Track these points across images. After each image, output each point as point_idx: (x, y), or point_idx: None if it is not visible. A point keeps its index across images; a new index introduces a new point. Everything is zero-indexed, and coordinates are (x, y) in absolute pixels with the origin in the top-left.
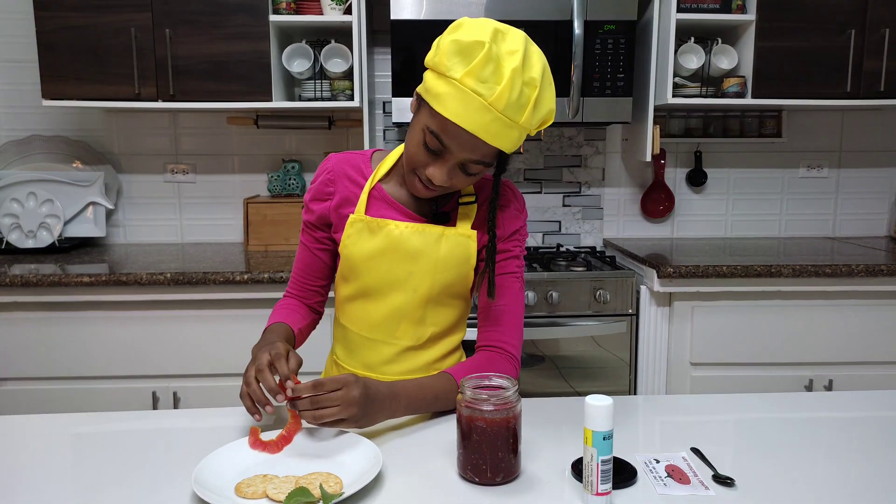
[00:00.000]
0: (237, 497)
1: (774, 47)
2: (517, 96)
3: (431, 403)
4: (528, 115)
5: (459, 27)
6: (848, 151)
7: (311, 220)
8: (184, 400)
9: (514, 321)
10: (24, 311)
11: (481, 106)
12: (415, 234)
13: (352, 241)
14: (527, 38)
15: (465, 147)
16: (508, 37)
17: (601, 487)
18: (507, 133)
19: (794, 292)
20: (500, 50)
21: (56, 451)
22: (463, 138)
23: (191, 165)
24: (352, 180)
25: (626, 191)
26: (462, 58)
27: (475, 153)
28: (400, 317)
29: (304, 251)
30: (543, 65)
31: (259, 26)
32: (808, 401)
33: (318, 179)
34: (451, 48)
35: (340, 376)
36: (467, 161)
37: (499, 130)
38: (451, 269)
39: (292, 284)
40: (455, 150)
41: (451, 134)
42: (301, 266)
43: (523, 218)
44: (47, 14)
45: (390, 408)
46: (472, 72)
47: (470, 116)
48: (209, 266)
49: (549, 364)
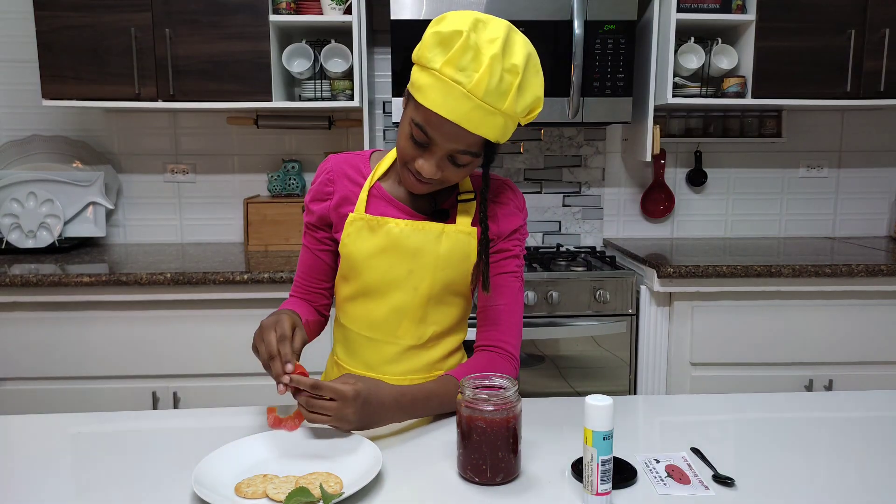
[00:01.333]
0: (237, 497)
1: (774, 47)
2: (497, 83)
3: (436, 408)
4: (511, 102)
5: (442, 20)
6: (848, 151)
7: (311, 221)
8: (184, 400)
9: (514, 321)
10: (24, 311)
11: (461, 94)
12: (414, 231)
13: (351, 240)
14: (510, 26)
15: (449, 137)
16: (490, 26)
17: (601, 487)
18: (489, 121)
19: (794, 292)
20: (480, 38)
21: (56, 451)
22: (446, 128)
23: (191, 165)
24: (351, 180)
25: (626, 191)
26: (442, 48)
27: (460, 143)
28: (401, 316)
29: (307, 253)
30: (528, 52)
31: (259, 26)
32: (808, 401)
33: (318, 180)
34: (432, 40)
35: (341, 388)
36: (454, 152)
37: (481, 118)
38: (452, 266)
39: (296, 288)
40: (440, 140)
41: (435, 125)
42: (304, 269)
43: (523, 217)
44: (47, 14)
45: (393, 417)
46: (451, 61)
47: (450, 105)
48: (209, 266)
49: (549, 364)
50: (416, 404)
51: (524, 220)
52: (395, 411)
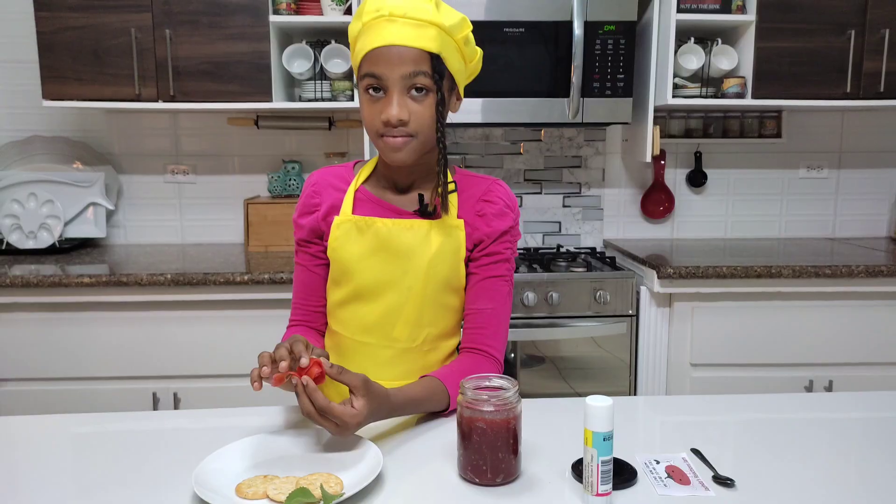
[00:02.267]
0: (237, 497)
1: (774, 48)
2: (413, 1)
3: (423, 410)
4: (434, 13)
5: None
6: (848, 152)
7: (303, 237)
8: (184, 400)
9: (499, 325)
10: (24, 312)
11: (386, 21)
12: (403, 230)
13: (340, 243)
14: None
15: (393, 63)
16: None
17: (601, 488)
18: (422, 33)
19: (794, 293)
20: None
21: (56, 451)
22: (388, 56)
23: (191, 166)
24: (336, 188)
25: (626, 191)
26: (361, 7)
27: (406, 65)
28: (395, 317)
29: (302, 272)
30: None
31: (259, 27)
32: (808, 401)
33: (304, 195)
34: (356, 13)
35: (345, 414)
36: (406, 78)
37: (411, 32)
38: (444, 262)
39: (295, 312)
40: (389, 72)
41: (379, 60)
42: (300, 288)
43: (513, 217)
44: (47, 14)
45: (381, 418)
46: (368, 7)
47: (383, 35)
48: (209, 267)
49: (549, 365)
50: (405, 409)
51: (515, 221)
52: (385, 415)
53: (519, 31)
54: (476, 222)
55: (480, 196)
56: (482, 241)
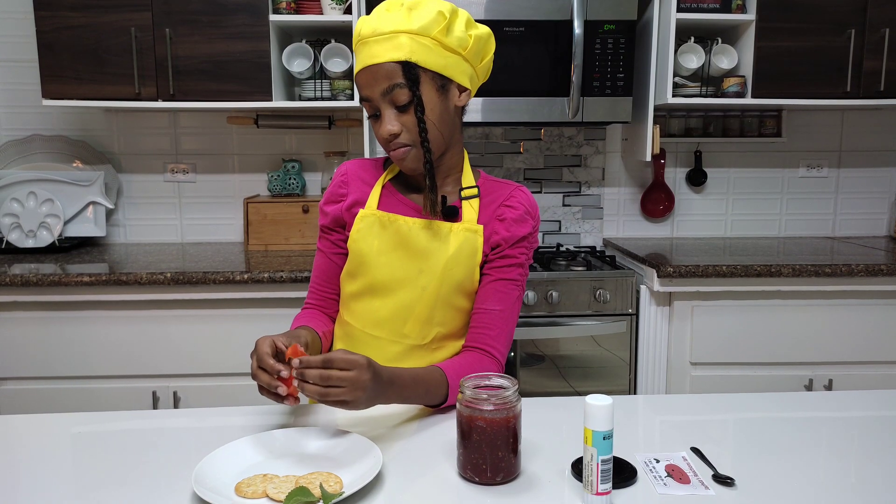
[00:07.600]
0: (237, 497)
1: (774, 47)
2: (384, 14)
3: (422, 397)
4: (403, 19)
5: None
6: (848, 151)
7: (326, 224)
8: (184, 400)
9: (505, 328)
10: (24, 311)
11: (363, 45)
12: (423, 230)
13: (361, 236)
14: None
15: (371, 83)
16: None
17: (601, 487)
18: (389, 45)
19: (794, 292)
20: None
21: (56, 450)
22: (367, 78)
23: (191, 165)
24: (364, 181)
25: (626, 190)
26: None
27: (380, 82)
28: (407, 314)
29: (322, 258)
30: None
31: (259, 26)
32: (808, 400)
33: (333, 183)
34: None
35: (350, 357)
36: (384, 95)
37: (380, 48)
38: (461, 265)
39: (311, 295)
40: (371, 92)
41: (362, 84)
42: (318, 273)
43: (533, 224)
44: (47, 14)
45: (386, 395)
46: (354, 35)
47: (360, 59)
48: (209, 266)
49: (549, 364)
50: (403, 382)
51: (534, 228)
52: (387, 387)
53: (519, 31)
54: (496, 226)
55: (502, 201)
56: (499, 244)
